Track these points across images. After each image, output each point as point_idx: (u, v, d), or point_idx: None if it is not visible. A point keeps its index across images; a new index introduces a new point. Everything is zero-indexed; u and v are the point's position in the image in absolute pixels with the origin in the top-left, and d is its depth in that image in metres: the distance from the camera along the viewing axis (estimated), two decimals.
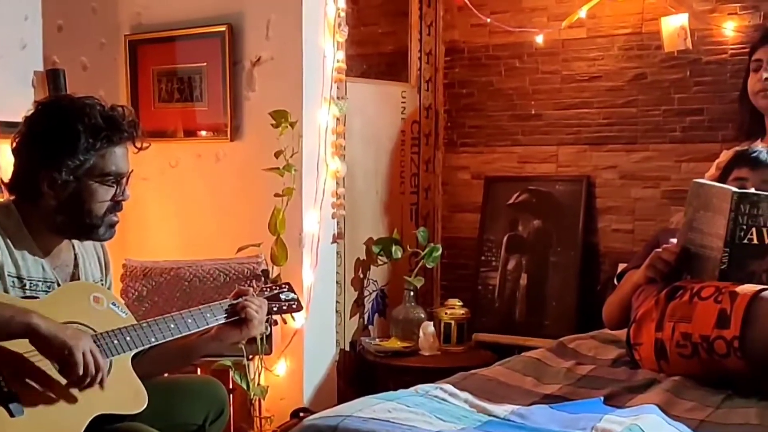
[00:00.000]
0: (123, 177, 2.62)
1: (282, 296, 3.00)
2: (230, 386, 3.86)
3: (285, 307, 3.00)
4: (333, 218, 4.30)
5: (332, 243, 4.34)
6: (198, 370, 3.79)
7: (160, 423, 2.62)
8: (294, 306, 3.03)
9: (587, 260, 4.53)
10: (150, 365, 2.70)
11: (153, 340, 2.60)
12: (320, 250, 4.21)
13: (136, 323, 2.62)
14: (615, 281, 3.40)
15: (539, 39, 4.57)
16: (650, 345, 2.86)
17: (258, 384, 4.00)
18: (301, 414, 3.93)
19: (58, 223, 2.58)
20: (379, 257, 4.61)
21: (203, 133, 4.43)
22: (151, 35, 4.50)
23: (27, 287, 2.52)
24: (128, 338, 2.54)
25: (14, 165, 2.62)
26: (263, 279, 3.92)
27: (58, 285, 2.59)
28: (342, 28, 4.25)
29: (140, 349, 2.60)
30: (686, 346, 2.72)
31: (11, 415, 2.25)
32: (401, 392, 2.61)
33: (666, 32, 4.13)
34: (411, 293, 4.61)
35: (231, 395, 3.62)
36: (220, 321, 2.76)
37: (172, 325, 2.65)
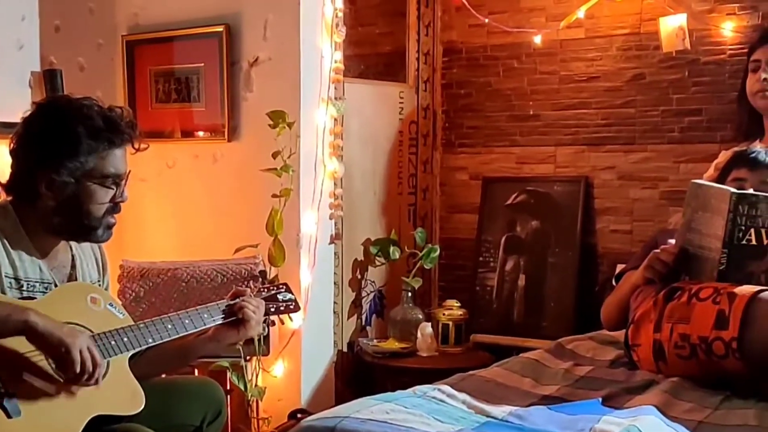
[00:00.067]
0: (122, 178, 2.62)
1: (279, 297, 3.00)
2: (228, 387, 3.85)
3: (282, 308, 3.00)
4: (331, 219, 4.30)
5: (330, 244, 4.34)
6: (195, 371, 3.78)
7: (158, 424, 2.62)
8: (291, 307, 3.03)
9: (585, 261, 4.53)
10: (147, 366, 2.70)
11: (150, 341, 2.60)
12: (318, 251, 4.20)
13: (134, 324, 2.61)
14: (613, 282, 3.40)
15: (537, 39, 4.57)
16: (648, 346, 2.86)
17: (255, 385, 4.00)
18: (299, 415, 3.93)
19: (56, 225, 2.58)
20: (377, 258, 4.61)
21: (200, 134, 4.42)
22: (149, 36, 4.49)
23: (24, 288, 2.51)
24: (125, 339, 2.54)
25: (12, 166, 2.61)
26: (261, 280, 3.92)
27: (56, 286, 2.59)
28: (340, 29, 4.24)
29: (137, 350, 2.60)
30: (684, 347, 2.72)
31: (8, 416, 2.24)
32: (399, 393, 2.61)
33: (664, 32, 4.13)
34: (409, 294, 4.60)
35: (228, 396, 3.60)
36: (218, 322, 2.76)
37: (170, 326, 2.65)
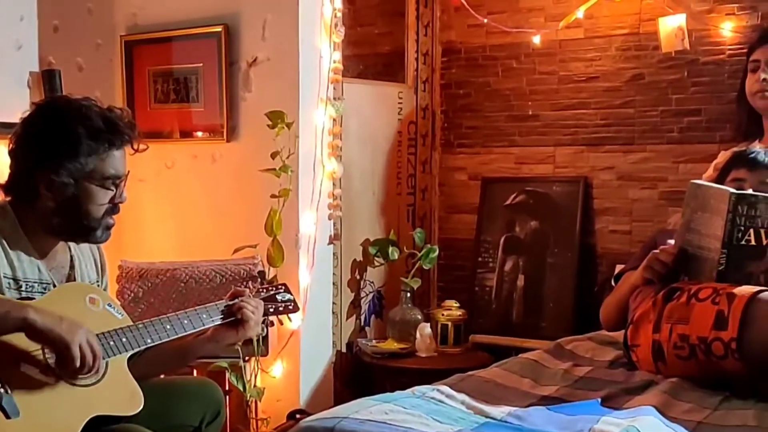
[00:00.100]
0: (121, 179, 2.62)
1: (278, 297, 3.00)
2: (226, 388, 3.85)
3: (281, 308, 3.00)
4: (329, 219, 4.30)
5: (329, 244, 4.33)
6: (194, 372, 3.78)
7: (157, 424, 2.62)
8: (290, 307, 3.02)
9: (584, 261, 4.52)
10: (146, 366, 2.70)
11: (149, 342, 2.60)
12: (317, 251, 4.20)
13: (132, 324, 2.61)
14: (612, 282, 3.40)
15: (536, 39, 4.57)
16: (647, 346, 2.86)
17: (254, 385, 4.00)
18: (298, 416, 3.93)
19: (55, 225, 2.57)
20: (376, 258, 4.61)
21: (199, 134, 4.42)
22: (147, 36, 4.49)
23: (23, 288, 2.51)
24: (124, 339, 2.54)
25: (10, 166, 2.61)
26: (259, 280, 3.91)
27: (54, 286, 2.58)
28: (338, 29, 4.24)
29: (136, 351, 2.59)
30: (684, 348, 2.72)
31: (7, 417, 2.24)
32: (398, 394, 2.61)
33: (663, 33, 4.13)
34: (408, 294, 4.60)
35: (227, 397, 3.60)
36: (216, 322, 2.76)
37: (168, 327, 2.65)
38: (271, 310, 2.96)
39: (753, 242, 2.82)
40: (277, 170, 3.95)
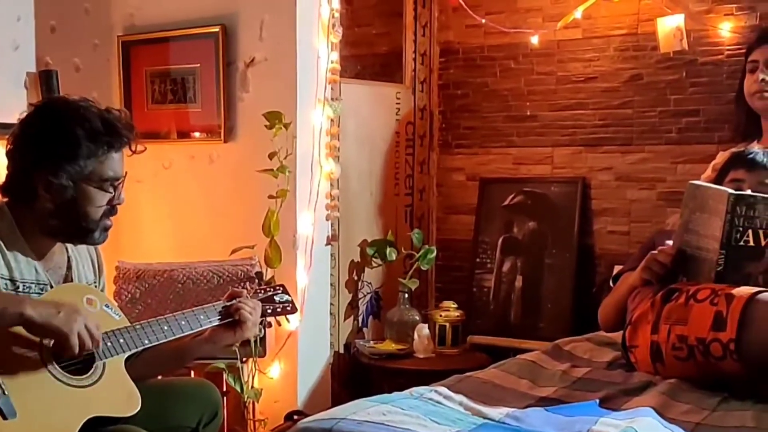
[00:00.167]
0: (119, 181, 2.62)
1: (276, 298, 3.00)
2: (224, 389, 3.84)
3: (279, 309, 2.99)
4: (327, 220, 4.29)
5: (326, 245, 4.33)
6: (192, 373, 3.78)
7: (154, 425, 2.62)
8: (288, 308, 3.02)
9: (583, 262, 4.52)
10: (143, 367, 2.70)
11: (146, 342, 2.60)
12: (314, 252, 4.19)
13: (130, 325, 2.62)
14: (611, 283, 3.40)
15: (534, 40, 4.57)
16: (646, 347, 2.85)
17: (252, 386, 3.99)
18: (295, 417, 3.92)
19: (53, 227, 2.57)
20: (374, 259, 4.60)
21: (197, 135, 4.41)
22: (145, 36, 4.48)
23: (20, 289, 2.50)
24: (121, 340, 2.55)
25: (8, 167, 2.61)
26: (257, 281, 3.91)
27: (51, 287, 2.58)
28: (336, 29, 4.23)
29: (133, 352, 2.59)
30: (682, 349, 2.72)
31: (4, 418, 2.24)
32: (396, 395, 2.60)
33: (662, 33, 4.13)
34: (405, 295, 4.60)
35: (225, 398, 3.60)
36: (214, 323, 2.76)
37: (166, 327, 2.65)
38: (269, 311, 2.96)
39: (751, 243, 2.82)
40: (275, 171, 3.95)
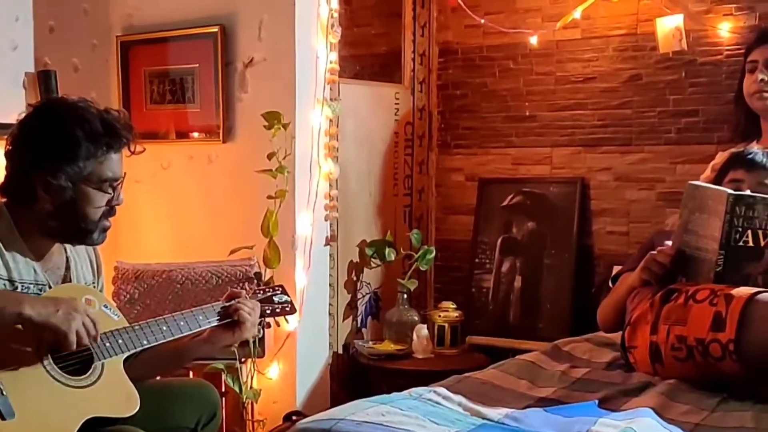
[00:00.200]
0: (118, 182, 2.62)
1: (275, 299, 3.00)
2: (223, 389, 3.84)
3: (278, 310, 2.99)
4: (326, 220, 4.28)
5: (325, 245, 4.32)
6: (190, 373, 3.77)
7: (152, 426, 2.61)
8: (287, 309, 3.02)
9: (582, 263, 4.52)
10: (142, 368, 2.69)
11: (145, 343, 2.60)
12: (313, 253, 4.19)
13: (128, 326, 2.62)
14: (610, 284, 3.40)
15: (533, 40, 4.57)
16: (645, 348, 2.85)
17: (250, 387, 3.98)
18: (294, 417, 3.91)
19: (51, 227, 2.57)
20: (373, 260, 4.60)
21: (195, 135, 4.41)
22: (143, 36, 4.47)
23: (18, 290, 2.50)
24: (120, 341, 2.55)
25: (6, 167, 2.60)
26: (256, 281, 3.90)
27: (50, 287, 2.58)
28: (335, 29, 4.23)
29: (132, 352, 2.59)
30: (681, 349, 2.71)
31: (2, 418, 2.24)
32: (395, 395, 2.60)
33: (661, 33, 4.13)
34: (404, 296, 4.59)
35: (223, 398, 3.60)
36: (213, 323, 2.76)
37: (164, 328, 2.65)
38: (268, 312, 2.96)
39: (751, 243, 2.81)
40: (274, 171, 3.94)
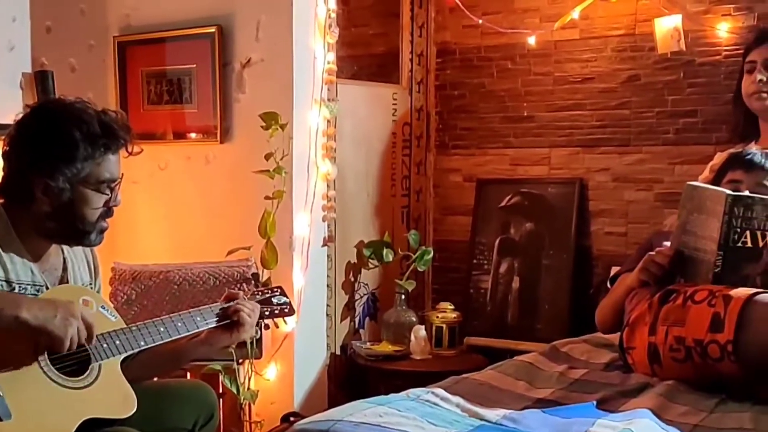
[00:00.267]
0: (116, 183, 2.61)
1: (274, 300, 3.00)
2: (220, 390, 3.84)
3: (277, 311, 2.99)
4: (323, 221, 4.28)
5: (323, 246, 4.32)
6: (188, 375, 3.77)
7: (150, 427, 2.61)
8: (286, 310, 3.02)
9: (580, 263, 4.51)
10: (139, 369, 2.69)
11: (142, 344, 2.60)
12: (311, 253, 4.19)
13: (126, 327, 2.62)
14: (608, 284, 3.39)
15: (531, 40, 4.57)
16: (643, 349, 2.85)
17: (248, 388, 3.98)
18: (292, 418, 3.91)
19: (49, 228, 2.57)
20: (370, 260, 4.60)
21: (193, 136, 4.40)
22: (140, 37, 4.47)
23: (16, 291, 2.50)
24: (117, 342, 2.54)
25: (4, 168, 2.60)
26: (253, 282, 3.90)
27: (47, 288, 2.57)
28: (332, 30, 4.23)
29: (130, 353, 2.59)
30: (679, 350, 2.71)
31: None
32: (392, 396, 2.59)
33: (659, 33, 4.13)
34: (402, 297, 4.59)
35: (221, 399, 3.59)
36: (210, 325, 2.76)
37: (162, 329, 2.65)
38: (267, 313, 2.96)
39: (749, 244, 2.81)
40: (271, 172, 3.94)
